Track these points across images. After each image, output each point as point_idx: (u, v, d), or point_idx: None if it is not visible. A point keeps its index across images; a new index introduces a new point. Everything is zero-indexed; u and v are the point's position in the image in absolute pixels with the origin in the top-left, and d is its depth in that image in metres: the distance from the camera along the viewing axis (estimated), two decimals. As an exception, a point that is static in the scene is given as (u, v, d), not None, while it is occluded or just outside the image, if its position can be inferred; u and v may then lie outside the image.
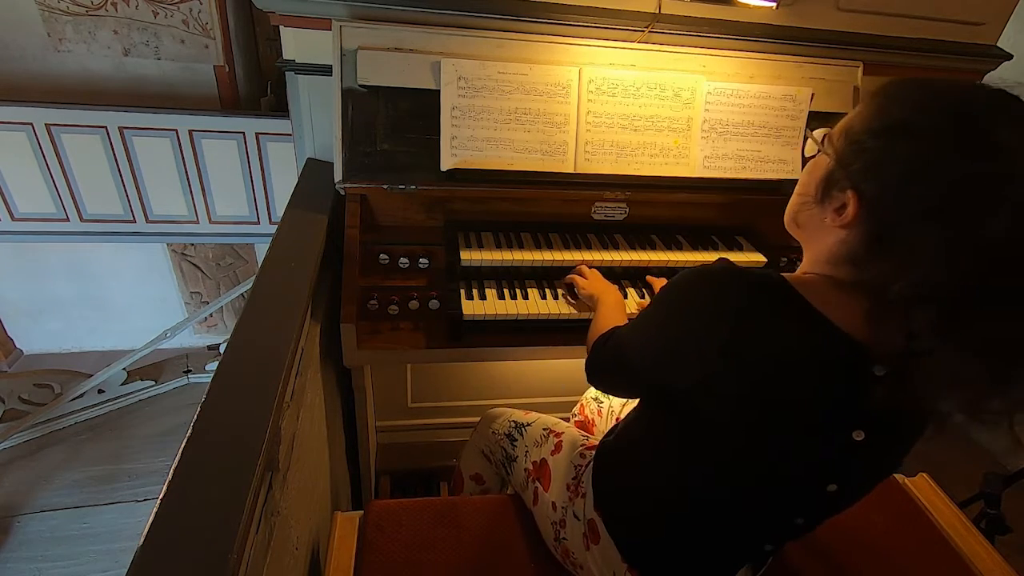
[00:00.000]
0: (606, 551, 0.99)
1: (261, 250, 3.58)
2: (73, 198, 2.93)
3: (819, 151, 0.75)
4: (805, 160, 0.80)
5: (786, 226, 0.83)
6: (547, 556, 1.15)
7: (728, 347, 0.71)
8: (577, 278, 1.43)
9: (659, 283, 1.42)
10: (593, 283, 1.39)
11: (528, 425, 1.32)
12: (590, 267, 1.46)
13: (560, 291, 1.48)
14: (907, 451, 0.81)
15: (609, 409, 1.47)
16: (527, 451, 1.27)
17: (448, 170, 1.47)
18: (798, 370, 0.70)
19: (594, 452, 1.09)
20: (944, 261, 0.60)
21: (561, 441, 1.20)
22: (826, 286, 0.72)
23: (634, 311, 1.42)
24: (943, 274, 0.61)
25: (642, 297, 1.50)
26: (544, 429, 1.27)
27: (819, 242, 0.76)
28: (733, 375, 0.72)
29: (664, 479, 0.89)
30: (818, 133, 0.77)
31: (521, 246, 1.53)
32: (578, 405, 1.61)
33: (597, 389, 1.14)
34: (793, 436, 0.74)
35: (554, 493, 1.13)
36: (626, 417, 1.04)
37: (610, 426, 1.41)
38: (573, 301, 1.44)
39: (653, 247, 1.60)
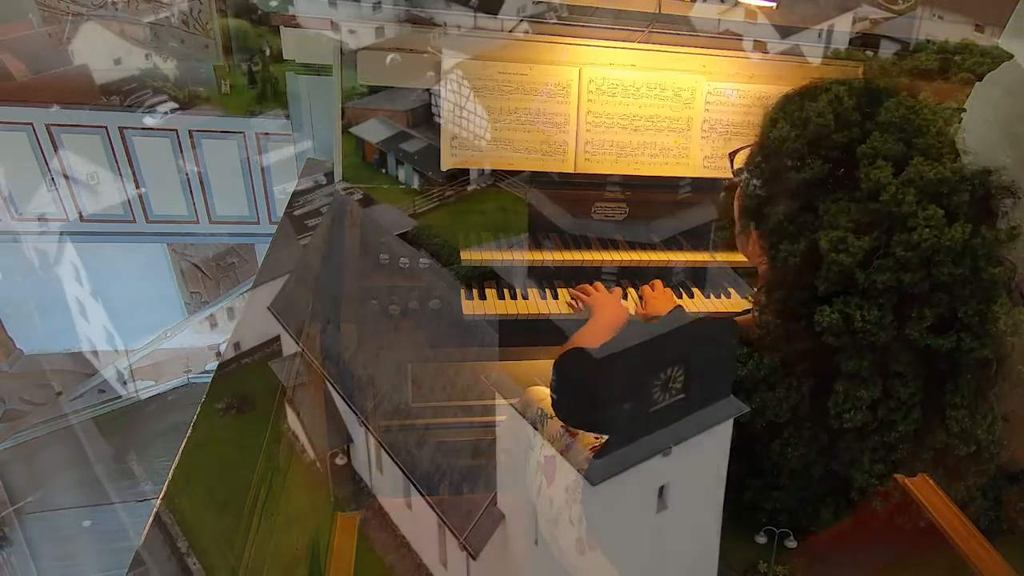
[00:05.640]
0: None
1: (261, 250, 3.57)
2: (73, 198, 2.93)
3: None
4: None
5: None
6: (546, 554, 1.15)
7: None
8: (582, 295, 1.41)
9: (648, 294, 1.42)
10: (597, 297, 1.37)
11: (551, 418, 1.33)
12: (589, 268, 1.46)
13: (567, 291, 1.48)
14: None
15: None
16: (543, 443, 1.28)
17: (448, 170, 1.47)
18: None
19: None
20: None
21: (573, 441, 1.20)
22: None
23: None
24: None
25: (641, 298, 1.50)
26: (563, 426, 1.28)
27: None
28: None
29: None
30: (737, 161, 0.79)
31: (521, 246, 1.53)
32: None
33: (561, 419, 1.07)
34: None
35: (554, 491, 1.13)
36: None
37: None
38: (574, 309, 1.43)
39: (653, 247, 1.60)
